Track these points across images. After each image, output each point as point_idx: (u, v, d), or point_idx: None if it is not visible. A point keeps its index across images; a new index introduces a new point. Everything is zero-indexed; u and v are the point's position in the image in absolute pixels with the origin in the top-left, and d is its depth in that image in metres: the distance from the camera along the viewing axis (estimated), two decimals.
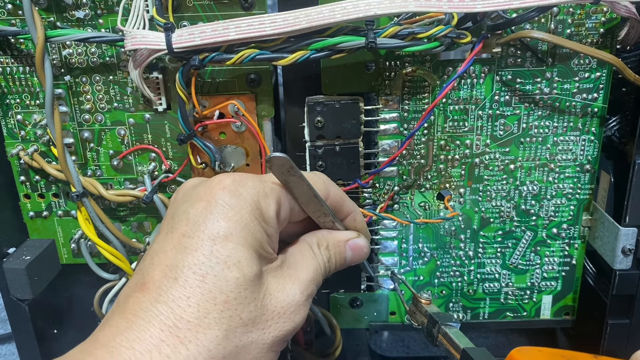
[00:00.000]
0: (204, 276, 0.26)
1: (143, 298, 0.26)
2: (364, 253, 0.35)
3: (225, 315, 0.26)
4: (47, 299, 0.45)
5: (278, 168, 0.29)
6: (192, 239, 0.27)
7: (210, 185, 0.29)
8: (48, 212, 0.44)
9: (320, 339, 0.46)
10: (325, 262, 0.32)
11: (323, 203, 0.32)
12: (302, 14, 0.33)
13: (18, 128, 0.41)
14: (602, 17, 0.38)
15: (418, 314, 0.39)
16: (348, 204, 0.34)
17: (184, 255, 0.26)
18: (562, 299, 0.45)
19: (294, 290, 0.29)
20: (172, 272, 0.26)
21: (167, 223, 0.29)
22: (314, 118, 0.39)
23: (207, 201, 0.28)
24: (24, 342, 0.44)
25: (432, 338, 0.36)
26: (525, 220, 0.43)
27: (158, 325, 0.25)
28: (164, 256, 0.27)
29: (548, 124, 0.40)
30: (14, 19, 0.38)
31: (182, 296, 0.25)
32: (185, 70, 0.36)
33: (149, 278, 0.26)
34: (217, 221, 0.27)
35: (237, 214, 0.27)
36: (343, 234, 0.34)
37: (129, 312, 0.25)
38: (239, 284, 0.26)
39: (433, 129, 0.41)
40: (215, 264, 0.26)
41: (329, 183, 0.33)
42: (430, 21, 0.36)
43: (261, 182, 0.30)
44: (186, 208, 0.28)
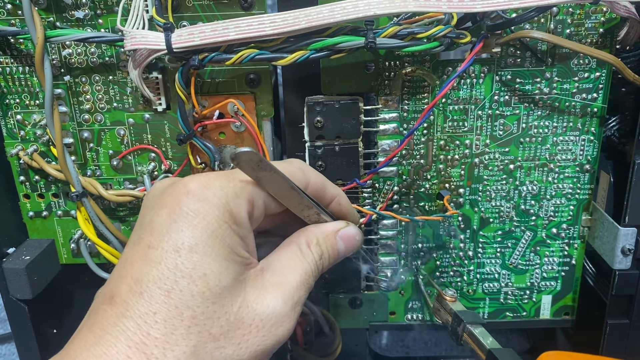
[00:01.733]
0: (169, 291, 0.25)
1: (111, 312, 0.25)
2: (357, 241, 0.33)
3: (193, 331, 0.25)
4: (47, 299, 0.45)
5: (246, 164, 0.27)
6: (156, 251, 0.26)
7: (175, 191, 0.27)
8: (48, 212, 0.44)
9: (320, 339, 0.46)
10: (317, 260, 0.30)
11: (303, 195, 0.30)
12: (302, 14, 0.33)
13: (18, 128, 0.41)
14: (602, 17, 0.38)
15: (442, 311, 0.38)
16: (330, 189, 0.32)
17: (149, 268, 0.25)
18: (561, 299, 0.45)
19: (275, 300, 0.28)
20: (137, 286, 0.25)
21: (135, 232, 0.28)
22: (314, 118, 0.39)
23: (171, 208, 0.26)
24: (24, 342, 0.44)
25: (456, 337, 0.36)
26: (524, 220, 0.43)
27: (125, 341, 0.24)
28: (130, 268, 0.26)
29: (548, 124, 0.40)
30: (13, 19, 0.38)
31: (149, 312, 0.25)
32: (184, 70, 0.36)
33: (116, 291, 0.26)
34: (182, 231, 0.26)
35: (202, 221, 0.26)
36: (331, 225, 0.32)
37: (97, 326, 0.25)
38: (205, 298, 0.25)
39: (432, 129, 0.41)
40: (180, 278, 0.25)
41: (307, 169, 0.31)
42: (430, 21, 0.36)
43: (230, 181, 0.28)
44: (152, 216, 0.27)
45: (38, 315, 0.44)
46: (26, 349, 0.45)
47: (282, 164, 0.30)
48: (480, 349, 0.33)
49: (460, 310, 0.36)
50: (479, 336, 0.33)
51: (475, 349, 0.34)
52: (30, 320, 0.43)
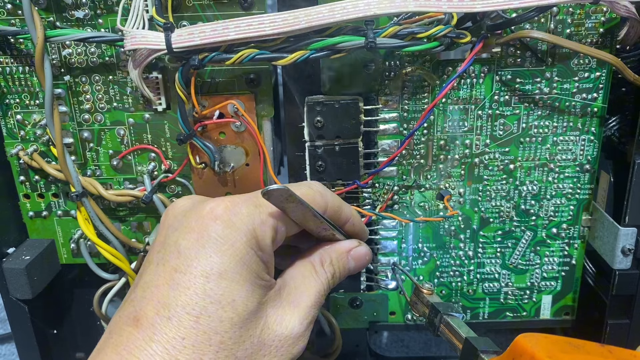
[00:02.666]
0: (197, 317, 0.25)
1: (137, 335, 0.25)
2: (367, 260, 0.34)
3: (221, 356, 0.25)
4: (47, 299, 0.45)
5: (276, 199, 0.28)
6: (184, 275, 0.26)
7: (201, 215, 0.27)
8: (47, 212, 0.44)
9: (320, 339, 0.46)
10: (329, 278, 0.32)
11: (322, 219, 0.31)
12: (302, 14, 0.33)
13: (18, 128, 0.41)
14: (602, 17, 0.38)
15: (419, 304, 0.38)
16: (345, 210, 0.34)
17: (177, 292, 0.26)
18: (561, 298, 0.45)
19: (293, 321, 0.29)
20: (165, 311, 0.25)
21: (157, 251, 0.28)
22: (314, 118, 0.39)
23: (199, 233, 0.27)
24: (24, 342, 0.44)
25: (433, 328, 0.36)
26: (525, 220, 0.43)
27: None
28: (157, 291, 0.26)
29: (548, 123, 0.40)
30: (13, 18, 0.38)
31: (177, 337, 0.25)
32: (184, 70, 0.36)
33: (142, 313, 0.26)
34: (210, 256, 0.26)
35: (230, 247, 0.26)
36: (345, 244, 0.33)
37: (122, 348, 0.25)
38: (234, 324, 0.26)
39: (433, 129, 0.41)
40: (209, 304, 0.26)
41: (325, 193, 0.32)
42: (430, 21, 0.36)
43: (256, 208, 0.28)
44: (177, 238, 0.27)
45: (38, 315, 0.44)
46: (26, 349, 0.45)
47: (302, 188, 0.31)
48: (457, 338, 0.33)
49: (437, 302, 0.37)
50: (455, 326, 0.34)
51: (452, 338, 0.34)
52: (30, 320, 0.43)
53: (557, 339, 0.24)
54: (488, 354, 0.30)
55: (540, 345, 0.23)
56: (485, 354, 0.30)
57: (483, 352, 0.30)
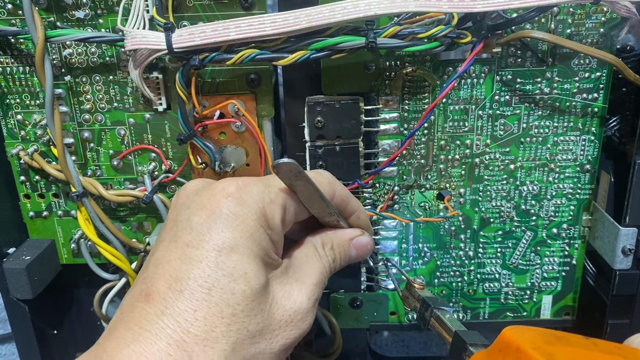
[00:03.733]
0: (210, 289, 0.26)
1: (149, 310, 0.25)
2: (368, 250, 0.35)
3: (233, 329, 0.26)
4: (47, 299, 0.45)
5: (285, 174, 0.29)
6: (197, 250, 0.26)
7: (213, 192, 0.28)
8: (48, 212, 0.44)
9: (320, 339, 0.46)
10: (331, 262, 0.32)
11: (329, 204, 0.32)
12: (302, 14, 0.33)
13: (18, 128, 0.41)
14: (602, 17, 0.38)
15: (411, 298, 0.39)
16: (353, 203, 0.34)
17: (189, 266, 0.26)
18: (562, 299, 0.45)
19: (301, 296, 0.29)
20: (177, 284, 0.26)
21: (169, 229, 0.29)
22: (314, 118, 0.39)
23: (211, 209, 0.27)
24: (24, 342, 0.44)
25: (424, 322, 0.36)
26: (525, 220, 0.43)
27: (165, 339, 0.24)
28: (169, 266, 0.26)
29: (548, 124, 0.40)
30: (14, 19, 0.38)
31: (189, 309, 0.25)
32: (185, 70, 0.36)
33: (153, 289, 0.26)
34: (222, 231, 0.27)
35: (242, 223, 0.27)
36: (347, 232, 0.34)
37: (134, 323, 0.25)
38: (246, 297, 0.26)
39: (433, 129, 0.41)
40: (222, 277, 0.26)
41: (334, 182, 0.33)
42: (431, 21, 0.36)
43: (266, 187, 0.29)
44: (189, 215, 0.28)
45: (38, 315, 0.44)
46: (26, 349, 0.45)
47: (312, 174, 0.31)
48: (447, 331, 0.34)
49: (428, 296, 0.37)
50: (445, 320, 0.34)
51: (442, 332, 0.34)
52: (30, 320, 0.43)
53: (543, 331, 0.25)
54: (477, 347, 0.31)
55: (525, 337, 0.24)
56: (474, 347, 0.31)
57: (472, 345, 0.31)
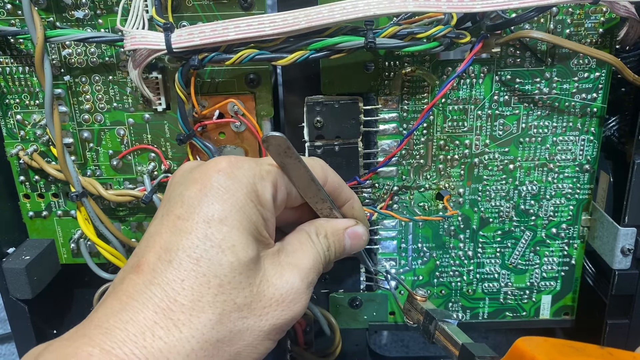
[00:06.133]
0: (198, 259, 0.26)
1: (137, 280, 0.26)
2: (363, 241, 0.34)
3: (219, 300, 0.26)
4: (47, 299, 0.45)
5: (275, 148, 0.29)
6: (186, 222, 0.27)
7: (206, 168, 0.28)
8: (47, 212, 0.44)
9: (319, 339, 0.46)
10: (325, 250, 0.32)
11: (321, 188, 0.31)
12: (302, 14, 0.33)
13: (17, 128, 0.41)
14: (602, 17, 0.38)
15: (413, 311, 0.38)
16: (346, 191, 0.34)
17: (179, 237, 0.26)
18: (561, 298, 0.46)
19: (293, 278, 0.29)
20: (166, 255, 0.26)
21: (163, 205, 0.29)
22: (313, 118, 0.39)
23: (202, 184, 0.28)
24: (24, 342, 0.44)
25: (428, 335, 0.36)
26: (524, 220, 0.43)
27: (152, 307, 0.25)
28: (159, 238, 0.27)
29: (547, 124, 0.40)
30: (13, 19, 0.38)
31: (177, 279, 0.25)
32: (184, 70, 0.36)
33: (143, 260, 0.26)
34: (212, 204, 0.27)
35: (232, 197, 0.27)
36: (341, 221, 0.33)
37: (123, 294, 0.26)
38: (233, 268, 0.26)
39: (432, 129, 0.41)
40: (210, 247, 0.26)
41: (327, 168, 0.33)
42: (430, 21, 0.36)
43: (257, 165, 0.29)
44: (181, 191, 0.28)
45: (38, 315, 0.44)
46: (26, 349, 0.44)
47: (305, 159, 0.31)
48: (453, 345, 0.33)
49: (432, 308, 0.37)
50: (451, 333, 0.34)
51: (448, 345, 0.34)
52: (30, 320, 0.43)
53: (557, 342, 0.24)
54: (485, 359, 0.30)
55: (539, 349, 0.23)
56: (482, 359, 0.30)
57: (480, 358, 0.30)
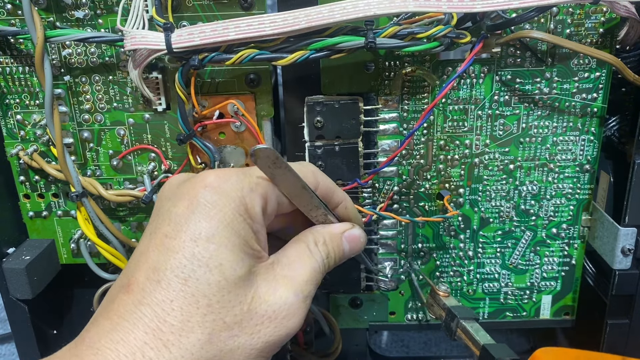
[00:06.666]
0: (186, 279, 0.26)
1: (127, 300, 0.26)
2: (361, 243, 0.34)
3: (208, 319, 0.26)
4: (47, 299, 0.45)
5: (263, 161, 0.28)
6: (174, 240, 0.26)
7: (193, 183, 0.28)
8: (47, 212, 0.44)
9: (319, 339, 0.46)
10: (324, 258, 0.31)
11: (313, 194, 0.31)
12: (302, 14, 0.33)
13: (18, 128, 0.41)
14: (602, 17, 0.38)
15: (436, 306, 0.38)
16: (338, 193, 0.33)
17: (166, 257, 0.26)
18: (561, 298, 0.46)
19: (287, 292, 0.28)
20: (155, 275, 0.26)
21: (151, 222, 0.29)
22: (314, 118, 0.39)
23: (189, 200, 0.27)
24: (24, 342, 0.44)
25: (450, 332, 0.36)
26: (524, 220, 0.43)
27: (142, 327, 0.25)
28: (147, 257, 0.27)
29: (547, 124, 0.40)
30: (13, 19, 0.38)
31: (166, 299, 0.25)
32: (184, 70, 0.36)
33: (133, 279, 0.26)
34: (199, 221, 0.27)
35: (219, 212, 0.27)
36: (338, 226, 0.33)
37: (113, 314, 0.26)
38: (221, 287, 0.26)
39: (432, 129, 0.41)
40: (197, 267, 0.26)
41: (317, 172, 0.32)
42: (430, 21, 0.36)
43: (246, 177, 0.29)
44: (169, 207, 0.28)
45: (38, 315, 0.44)
46: (26, 349, 0.45)
47: (295, 165, 0.30)
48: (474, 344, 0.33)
49: (454, 305, 0.36)
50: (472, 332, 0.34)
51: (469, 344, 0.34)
52: (30, 320, 0.43)
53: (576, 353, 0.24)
54: None
55: None
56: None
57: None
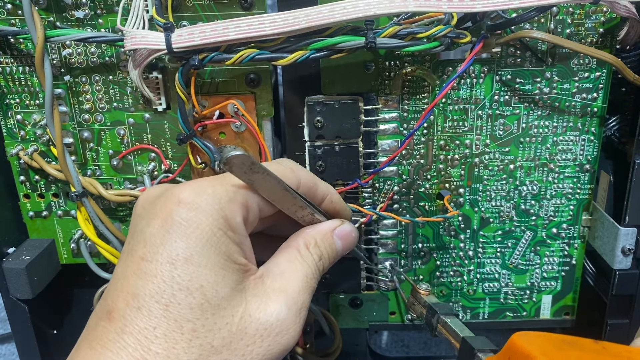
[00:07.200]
0: (167, 305, 0.25)
1: (110, 328, 0.25)
2: (353, 238, 0.33)
3: (195, 345, 0.25)
4: (47, 299, 0.45)
5: (238, 168, 0.26)
6: (151, 264, 0.25)
7: (166, 200, 0.26)
8: (48, 212, 0.44)
9: (320, 339, 0.46)
10: (317, 261, 0.30)
11: (296, 195, 0.29)
12: (302, 14, 0.33)
13: (18, 128, 0.41)
14: (602, 17, 0.38)
15: (417, 304, 0.39)
16: (321, 187, 0.32)
17: (145, 282, 0.25)
18: (561, 298, 0.45)
19: (279, 307, 0.27)
20: (134, 301, 0.25)
21: (127, 242, 0.27)
22: (314, 118, 0.39)
23: (163, 219, 0.26)
24: (24, 342, 0.44)
25: (431, 328, 0.36)
26: (525, 220, 0.43)
27: (126, 357, 0.24)
28: (126, 283, 0.26)
29: (548, 123, 0.40)
30: (13, 18, 0.38)
31: (148, 327, 0.24)
32: (184, 70, 0.36)
33: (113, 306, 0.25)
34: (175, 242, 0.25)
35: (196, 230, 0.25)
36: (327, 224, 0.32)
37: (96, 343, 0.25)
38: (204, 310, 0.25)
39: (433, 129, 0.41)
40: (178, 291, 0.25)
41: (297, 169, 0.31)
42: (430, 21, 0.36)
43: (222, 186, 0.27)
44: (143, 227, 0.26)
45: (38, 315, 0.44)
46: (26, 349, 0.45)
47: (272, 165, 0.29)
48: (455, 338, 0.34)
49: (434, 302, 0.37)
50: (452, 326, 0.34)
51: (449, 338, 0.34)
52: (30, 320, 0.43)
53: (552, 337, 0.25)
54: (485, 352, 0.31)
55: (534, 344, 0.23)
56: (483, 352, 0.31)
57: (480, 352, 0.31)
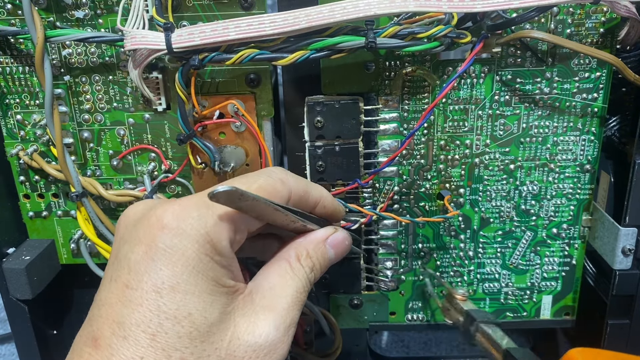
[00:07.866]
0: (154, 334, 0.24)
1: (96, 356, 0.24)
2: (346, 246, 0.32)
3: None
4: (47, 299, 0.45)
5: (226, 202, 0.26)
6: (135, 292, 0.25)
7: (149, 224, 0.26)
8: (47, 212, 0.44)
9: (320, 339, 0.46)
10: (308, 273, 0.30)
11: (288, 212, 0.29)
12: (302, 14, 0.33)
13: (18, 128, 0.41)
14: (602, 17, 0.38)
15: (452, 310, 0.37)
16: (313, 194, 0.31)
17: (130, 310, 0.24)
18: (562, 299, 0.45)
19: (267, 327, 0.27)
20: (120, 330, 0.24)
21: (110, 265, 0.27)
22: (314, 118, 0.39)
23: (147, 245, 0.25)
24: (24, 342, 0.44)
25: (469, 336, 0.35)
26: (525, 220, 0.43)
27: None
28: (111, 310, 0.25)
29: (548, 124, 0.40)
30: (13, 18, 0.38)
31: (135, 357, 0.24)
32: (184, 70, 0.36)
33: (99, 333, 0.25)
34: (160, 269, 0.25)
35: (181, 257, 0.25)
36: (320, 233, 0.31)
37: None
38: (193, 338, 0.25)
39: (433, 129, 0.41)
40: (165, 320, 0.24)
41: (287, 179, 0.30)
42: (430, 21, 0.36)
43: (209, 208, 0.26)
44: (126, 252, 0.26)
45: (38, 315, 0.44)
46: (26, 349, 0.45)
47: (260, 179, 0.29)
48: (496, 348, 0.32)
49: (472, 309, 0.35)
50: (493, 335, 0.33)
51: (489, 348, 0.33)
52: (30, 320, 0.43)
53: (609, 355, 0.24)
54: None
55: None
56: None
57: None
